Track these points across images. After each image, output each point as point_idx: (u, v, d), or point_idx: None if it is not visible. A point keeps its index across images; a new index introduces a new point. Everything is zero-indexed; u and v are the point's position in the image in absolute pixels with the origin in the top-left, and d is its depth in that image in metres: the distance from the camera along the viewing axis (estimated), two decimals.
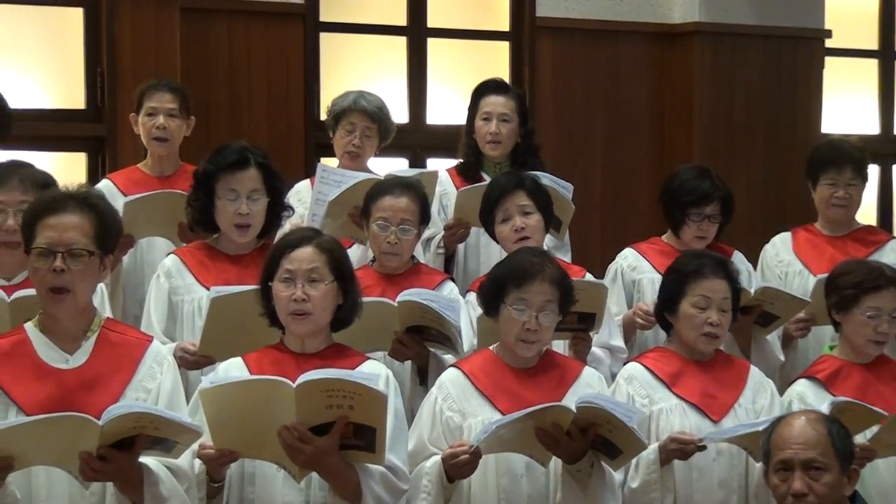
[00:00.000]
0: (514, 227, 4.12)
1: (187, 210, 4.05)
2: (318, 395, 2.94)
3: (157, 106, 4.64)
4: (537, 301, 3.42)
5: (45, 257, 2.97)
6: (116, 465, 2.83)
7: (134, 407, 2.87)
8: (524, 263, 3.48)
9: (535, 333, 3.42)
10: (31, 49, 5.56)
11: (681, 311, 3.74)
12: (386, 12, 6.51)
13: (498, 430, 3.17)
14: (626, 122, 6.91)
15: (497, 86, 4.99)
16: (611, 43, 6.86)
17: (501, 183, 4.22)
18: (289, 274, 3.21)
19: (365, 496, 3.07)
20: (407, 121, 6.39)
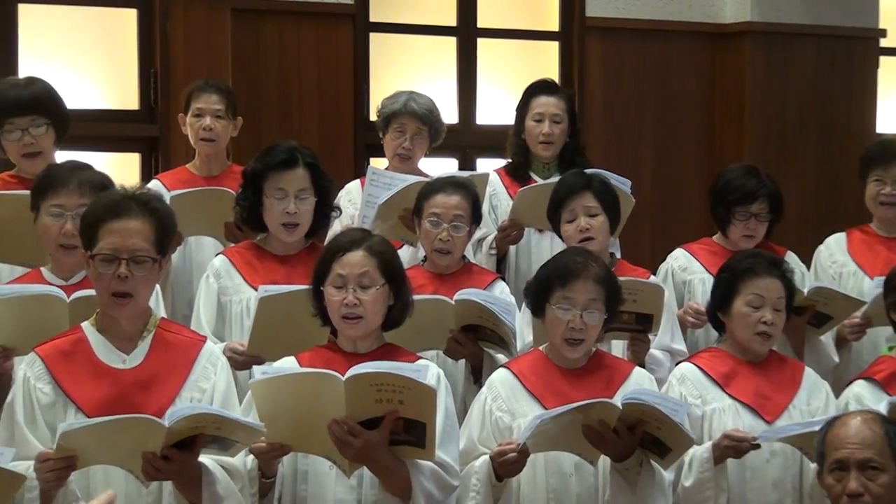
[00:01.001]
0: (579, 227, 4.10)
1: (236, 209, 4.07)
2: (368, 388, 2.95)
3: (203, 107, 4.66)
4: (581, 300, 3.41)
5: (109, 263, 3.00)
6: (178, 464, 2.86)
7: (198, 408, 2.89)
8: (568, 263, 3.48)
9: (581, 332, 3.41)
10: (87, 50, 5.63)
11: (734, 310, 3.72)
12: (436, 12, 6.52)
13: (542, 426, 3.17)
14: (676, 123, 6.87)
15: (548, 86, 4.99)
16: (661, 43, 6.83)
17: (570, 182, 4.21)
18: (340, 279, 3.22)
19: (415, 491, 3.07)
20: (456, 121, 6.41)
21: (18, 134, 4.11)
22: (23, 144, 4.12)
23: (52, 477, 2.81)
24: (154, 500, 3.01)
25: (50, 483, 2.82)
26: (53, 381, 3.03)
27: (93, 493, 2.96)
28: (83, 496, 2.94)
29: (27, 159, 4.15)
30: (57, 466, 2.80)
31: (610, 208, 4.15)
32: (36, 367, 3.05)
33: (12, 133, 4.12)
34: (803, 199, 6.66)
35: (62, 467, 2.80)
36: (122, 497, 2.98)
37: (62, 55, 5.55)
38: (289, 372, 3.09)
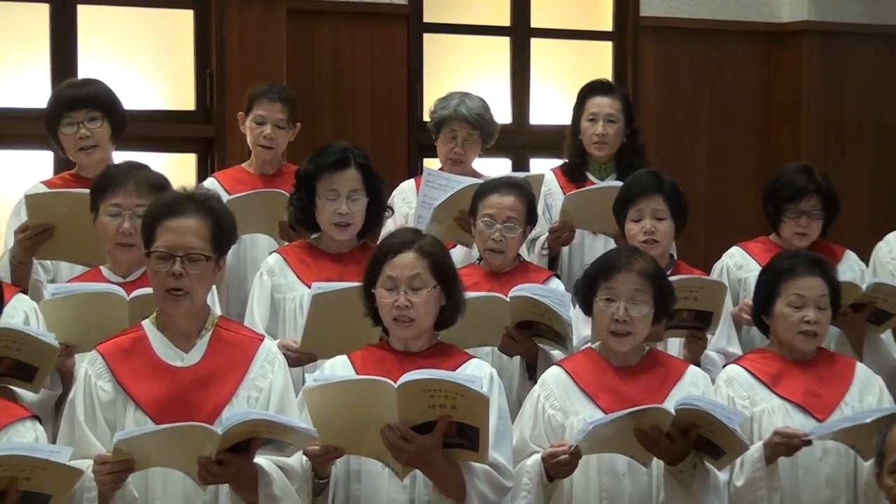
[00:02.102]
0: (644, 229, 4.09)
1: (289, 209, 4.10)
2: (420, 394, 2.96)
3: (266, 115, 4.68)
4: (625, 291, 3.40)
5: (164, 260, 3.03)
6: (233, 468, 2.87)
7: (251, 414, 2.90)
8: (612, 257, 3.49)
9: (626, 325, 3.39)
10: (144, 51, 5.69)
11: (776, 311, 3.69)
12: (489, 13, 6.52)
13: (595, 431, 3.16)
14: (731, 123, 6.83)
15: (603, 86, 4.98)
16: (716, 43, 6.79)
17: (642, 182, 4.18)
18: (391, 281, 3.22)
19: (469, 494, 3.07)
20: (510, 121, 6.40)
21: (74, 127, 4.18)
22: (78, 137, 4.18)
23: (110, 479, 2.84)
24: (211, 500, 3.02)
25: (107, 485, 2.85)
26: (114, 378, 3.05)
27: (151, 493, 2.99)
28: (141, 496, 2.97)
29: (83, 153, 4.21)
30: (114, 469, 2.82)
31: (677, 214, 4.13)
32: (97, 365, 3.08)
33: (69, 126, 4.18)
34: (862, 199, 6.59)
35: (119, 470, 2.83)
36: (181, 497, 3.01)
37: (120, 56, 5.60)
38: (341, 379, 3.09)
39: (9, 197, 4.57)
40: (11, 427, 2.83)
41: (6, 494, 2.56)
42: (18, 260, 3.89)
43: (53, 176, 4.60)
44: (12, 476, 2.56)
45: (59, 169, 4.93)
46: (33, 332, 3.32)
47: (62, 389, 3.54)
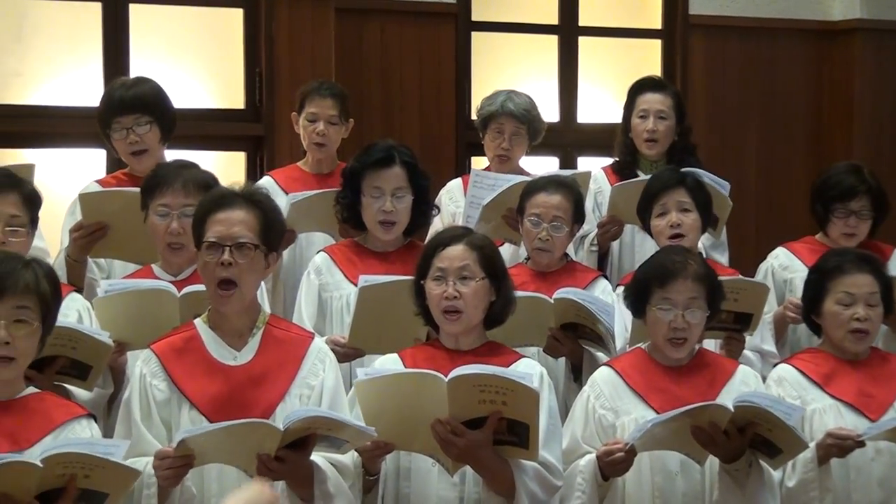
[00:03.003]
0: (670, 223, 4.08)
1: (336, 208, 4.11)
2: (471, 389, 2.96)
3: (318, 112, 4.69)
4: (682, 300, 3.38)
5: (213, 251, 3.06)
6: (291, 465, 2.89)
7: (311, 411, 2.92)
8: (666, 263, 3.45)
9: (683, 332, 3.38)
10: (194, 50, 5.72)
11: (825, 310, 3.67)
12: (537, 11, 6.52)
13: (653, 429, 3.15)
14: (782, 122, 6.77)
15: (654, 83, 4.96)
16: (767, 41, 6.74)
17: (663, 178, 4.19)
18: (440, 272, 3.23)
19: (518, 492, 3.07)
20: (557, 119, 6.38)
21: (124, 133, 4.20)
22: (128, 143, 4.21)
23: (170, 475, 2.86)
24: None
25: (168, 481, 2.87)
26: (168, 378, 3.08)
27: (207, 489, 3.01)
28: (198, 494, 2.99)
29: (134, 157, 4.24)
30: (175, 465, 2.85)
31: (702, 206, 4.11)
32: (151, 364, 3.11)
33: (119, 132, 4.21)
34: None
35: (180, 465, 2.85)
36: None
37: (170, 55, 5.64)
38: (392, 372, 3.11)
39: (63, 196, 4.61)
40: (68, 425, 2.85)
41: (65, 491, 2.59)
42: (73, 258, 3.93)
43: (107, 175, 4.65)
44: (72, 473, 2.58)
45: (112, 168, 4.98)
46: (88, 330, 3.35)
47: (113, 389, 3.57)
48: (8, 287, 2.75)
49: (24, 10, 5.42)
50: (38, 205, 3.61)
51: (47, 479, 2.61)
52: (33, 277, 2.78)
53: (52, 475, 2.61)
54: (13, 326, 2.76)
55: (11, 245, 3.39)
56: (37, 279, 2.79)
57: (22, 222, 3.50)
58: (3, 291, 2.74)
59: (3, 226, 3.46)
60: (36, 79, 5.44)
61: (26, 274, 2.78)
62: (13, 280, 2.75)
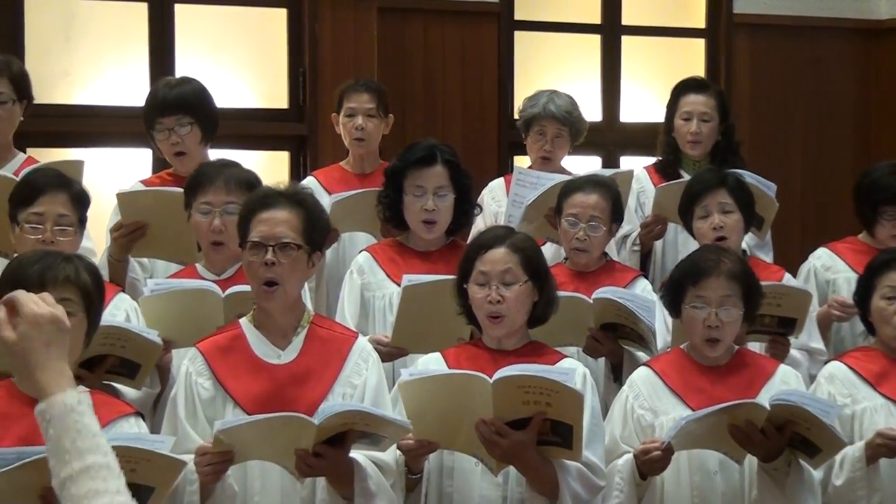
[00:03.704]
0: (713, 224, 4.06)
1: (378, 207, 4.12)
2: (515, 390, 2.96)
3: (355, 107, 4.71)
4: (715, 297, 3.36)
5: (257, 251, 3.08)
6: (330, 461, 2.90)
7: (346, 406, 2.93)
8: (699, 261, 3.44)
9: (718, 331, 3.36)
10: (238, 49, 5.76)
11: (873, 306, 3.66)
12: (580, 10, 6.51)
13: (688, 426, 3.14)
14: (828, 122, 6.72)
15: (697, 84, 4.94)
16: (812, 40, 6.69)
17: (704, 179, 4.17)
18: (483, 277, 3.23)
19: (562, 492, 3.07)
20: (600, 119, 6.37)
21: (166, 133, 4.23)
22: (170, 143, 4.24)
23: (210, 471, 2.88)
24: (308, 495, 3.06)
25: (208, 476, 2.89)
26: (213, 376, 3.11)
27: (250, 487, 3.03)
28: (241, 492, 3.01)
29: (177, 158, 4.27)
30: (214, 461, 2.87)
31: (745, 206, 4.09)
32: (197, 363, 3.13)
33: (161, 132, 4.24)
34: None
35: (219, 461, 2.87)
36: (279, 491, 3.05)
37: (215, 54, 5.68)
38: (436, 373, 3.12)
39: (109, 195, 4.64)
40: (116, 423, 2.86)
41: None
42: (114, 258, 3.95)
43: (152, 174, 4.69)
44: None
45: (158, 167, 5.02)
46: (138, 329, 3.37)
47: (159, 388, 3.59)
48: (48, 280, 2.76)
49: (73, 11, 5.47)
50: (87, 204, 3.63)
51: None
52: (73, 270, 2.79)
53: None
54: None
55: (60, 244, 3.41)
56: (77, 272, 2.80)
57: (70, 221, 3.52)
58: (44, 285, 2.74)
59: (51, 225, 3.48)
60: (84, 78, 5.49)
61: (67, 267, 2.79)
62: (53, 273, 2.77)
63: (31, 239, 3.45)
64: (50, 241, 3.43)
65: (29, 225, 3.49)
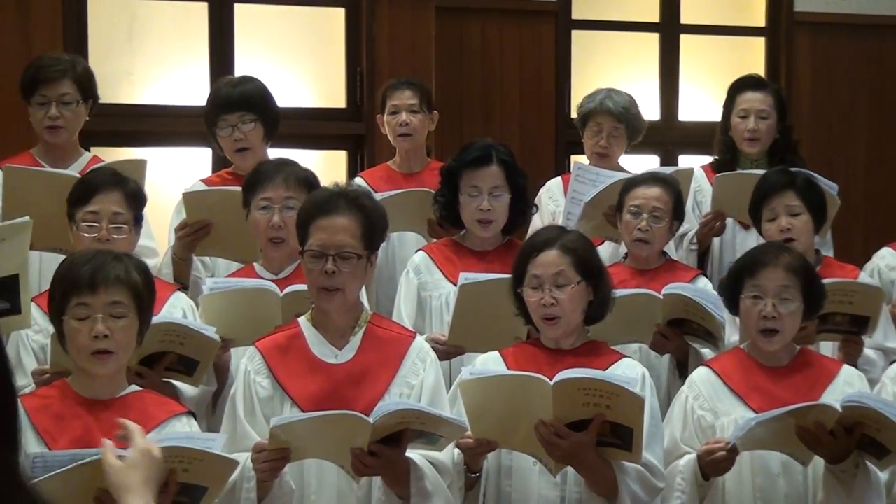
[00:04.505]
0: (780, 227, 4.02)
1: (434, 207, 4.13)
2: (575, 393, 2.96)
3: (398, 103, 4.73)
4: (772, 287, 3.33)
5: (317, 259, 3.08)
6: (385, 460, 2.90)
7: (401, 405, 2.93)
8: (757, 253, 3.42)
9: (775, 322, 3.32)
10: (296, 49, 5.79)
11: None
12: (639, 9, 6.48)
13: (756, 428, 3.11)
14: (891, 121, 6.65)
15: (754, 82, 4.92)
16: (875, 38, 6.61)
17: (772, 180, 4.13)
18: (536, 280, 3.23)
19: (621, 493, 3.06)
20: (658, 118, 6.33)
21: (229, 130, 4.27)
22: (233, 140, 4.27)
23: (267, 468, 2.89)
24: (364, 495, 3.07)
25: (265, 474, 2.90)
26: (271, 375, 3.12)
27: (307, 486, 3.04)
28: (297, 490, 3.02)
29: (238, 154, 4.30)
30: (271, 458, 2.88)
31: (815, 207, 4.05)
32: (255, 362, 3.14)
33: (224, 129, 4.27)
34: None
35: (276, 459, 2.88)
36: (335, 490, 3.06)
37: (273, 54, 5.71)
38: (497, 374, 3.11)
39: (171, 194, 4.70)
40: (168, 423, 2.88)
41: (166, 486, 2.59)
42: (179, 257, 3.99)
43: (212, 174, 4.73)
44: (171, 468, 2.60)
45: (218, 166, 5.06)
46: (196, 326, 3.39)
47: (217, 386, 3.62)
48: (99, 281, 2.77)
49: (135, 11, 5.53)
50: (142, 203, 3.66)
51: None
52: (123, 270, 2.81)
53: None
54: (109, 320, 2.78)
55: (115, 242, 3.44)
56: (127, 271, 2.81)
57: (125, 220, 3.55)
58: (95, 286, 2.77)
59: (107, 223, 3.51)
60: (146, 78, 5.55)
61: (116, 267, 2.80)
62: (104, 274, 2.78)
63: (87, 237, 3.49)
64: (105, 240, 3.46)
65: (85, 223, 3.52)
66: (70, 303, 2.79)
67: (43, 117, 4.21)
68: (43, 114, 4.21)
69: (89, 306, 2.78)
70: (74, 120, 4.26)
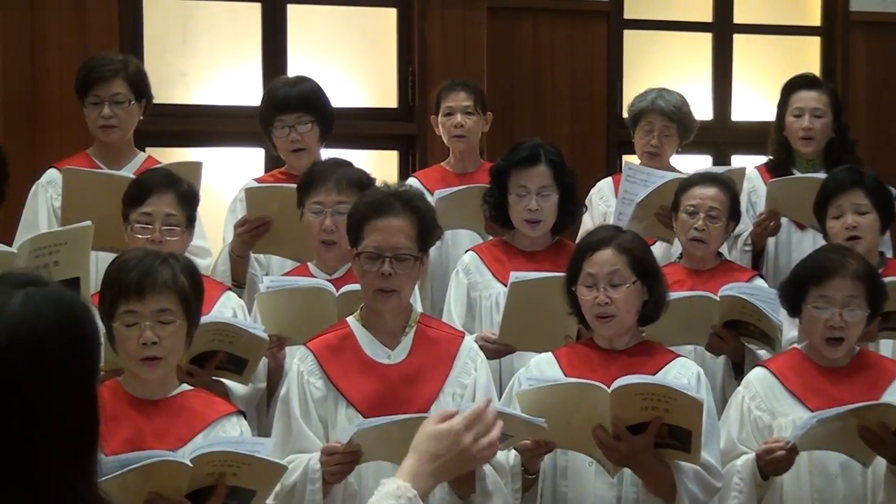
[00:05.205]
0: (846, 225, 3.99)
1: (483, 206, 4.13)
2: (633, 397, 2.95)
3: (453, 105, 4.74)
4: (839, 297, 3.31)
5: (373, 261, 3.07)
6: None
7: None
8: (823, 260, 3.39)
9: (841, 331, 3.31)
10: (348, 49, 5.80)
11: None
12: (691, 9, 6.45)
13: (816, 426, 3.09)
14: None
15: (808, 81, 4.88)
16: None
17: (839, 178, 4.10)
18: (591, 278, 3.22)
19: (680, 494, 3.05)
20: (711, 117, 6.29)
21: (286, 130, 4.28)
22: (290, 140, 4.29)
23: (337, 471, 2.90)
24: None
25: (334, 476, 2.91)
26: (325, 375, 3.12)
27: (365, 487, 3.01)
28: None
29: (294, 155, 4.31)
30: (343, 461, 2.88)
31: (882, 207, 4.01)
32: (308, 362, 3.14)
33: (281, 129, 4.29)
34: None
35: (348, 461, 2.89)
36: None
37: (325, 54, 5.73)
38: (553, 383, 3.09)
39: (223, 193, 4.74)
40: (218, 423, 2.89)
41: (215, 489, 2.62)
42: (237, 254, 4.01)
43: (265, 173, 4.75)
44: (220, 472, 2.62)
45: (270, 166, 5.09)
46: (244, 325, 3.41)
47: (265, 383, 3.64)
48: (146, 288, 2.77)
49: (189, 12, 5.56)
50: (195, 204, 3.67)
51: (197, 478, 2.63)
52: (170, 274, 2.80)
53: (201, 474, 2.63)
54: (157, 327, 2.78)
55: (168, 244, 3.45)
56: (174, 275, 2.80)
57: (178, 221, 3.56)
58: (143, 292, 2.77)
59: (160, 225, 3.53)
60: (200, 79, 5.58)
61: (164, 271, 2.80)
62: (151, 280, 2.78)
63: (140, 239, 3.51)
64: (158, 241, 3.47)
65: (139, 225, 3.54)
66: (119, 308, 2.79)
67: (97, 117, 4.25)
68: (97, 114, 4.24)
69: (137, 313, 2.78)
70: (127, 119, 4.29)
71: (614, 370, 3.12)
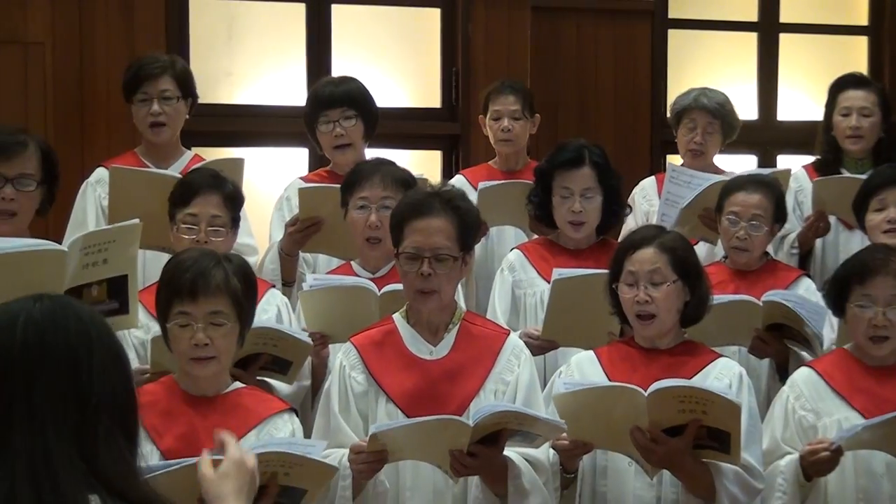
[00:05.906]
0: (888, 217, 3.98)
1: (527, 206, 4.13)
2: (671, 400, 2.95)
3: (501, 109, 4.74)
4: (883, 296, 3.30)
5: (412, 261, 3.08)
6: (484, 460, 2.90)
7: (500, 406, 2.93)
8: (866, 259, 3.38)
9: (885, 330, 3.29)
10: (392, 49, 5.82)
11: None
12: (736, 8, 6.41)
13: (863, 432, 3.07)
14: None
15: (856, 80, 4.85)
16: None
17: (884, 174, 4.10)
18: (632, 276, 3.21)
19: (719, 495, 3.04)
20: (756, 117, 6.25)
21: (330, 126, 4.30)
22: (334, 136, 4.31)
23: (365, 468, 2.91)
24: (460, 492, 3.07)
25: (362, 474, 2.92)
26: (367, 370, 3.13)
27: (402, 484, 3.05)
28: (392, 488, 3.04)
29: (338, 151, 4.33)
30: (369, 459, 2.89)
31: None
32: (351, 357, 3.16)
33: (326, 125, 4.31)
34: None
35: (374, 461, 2.90)
36: (431, 488, 3.07)
37: (369, 54, 5.75)
38: (590, 386, 3.08)
39: (268, 193, 4.77)
40: (271, 420, 2.92)
41: (266, 489, 2.63)
42: (286, 252, 4.03)
43: (309, 173, 4.77)
44: (272, 471, 2.63)
45: (314, 165, 5.12)
46: (289, 330, 3.44)
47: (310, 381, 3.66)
48: (199, 290, 2.80)
49: (234, 12, 5.60)
50: (240, 204, 3.70)
51: None
52: (223, 277, 2.83)
53: None
54: (210, 328, 2.81)
55: (213, 244, 3.47)
56: (227, 277, 2.83)
57: (223, 222, 3.59)
58: (196, 293, 2.80)
59: (205, 226, 3.56)
60: (245, 79, 5.62)
61: (217, 274, 2.82)
62: (205, 281, 2.81)
63: (186, 239, 3.54)
64: (203, 242, 3.50)
65: (185, 225, 3.57)
66: (173, 309, 2.84)
67: (146, 115, 4.28)
68: (146, 111, 4.28)
69: (190, 315, 2.82)
70: (176, 116, 4.33)
71: (655, 370, 3.12)
